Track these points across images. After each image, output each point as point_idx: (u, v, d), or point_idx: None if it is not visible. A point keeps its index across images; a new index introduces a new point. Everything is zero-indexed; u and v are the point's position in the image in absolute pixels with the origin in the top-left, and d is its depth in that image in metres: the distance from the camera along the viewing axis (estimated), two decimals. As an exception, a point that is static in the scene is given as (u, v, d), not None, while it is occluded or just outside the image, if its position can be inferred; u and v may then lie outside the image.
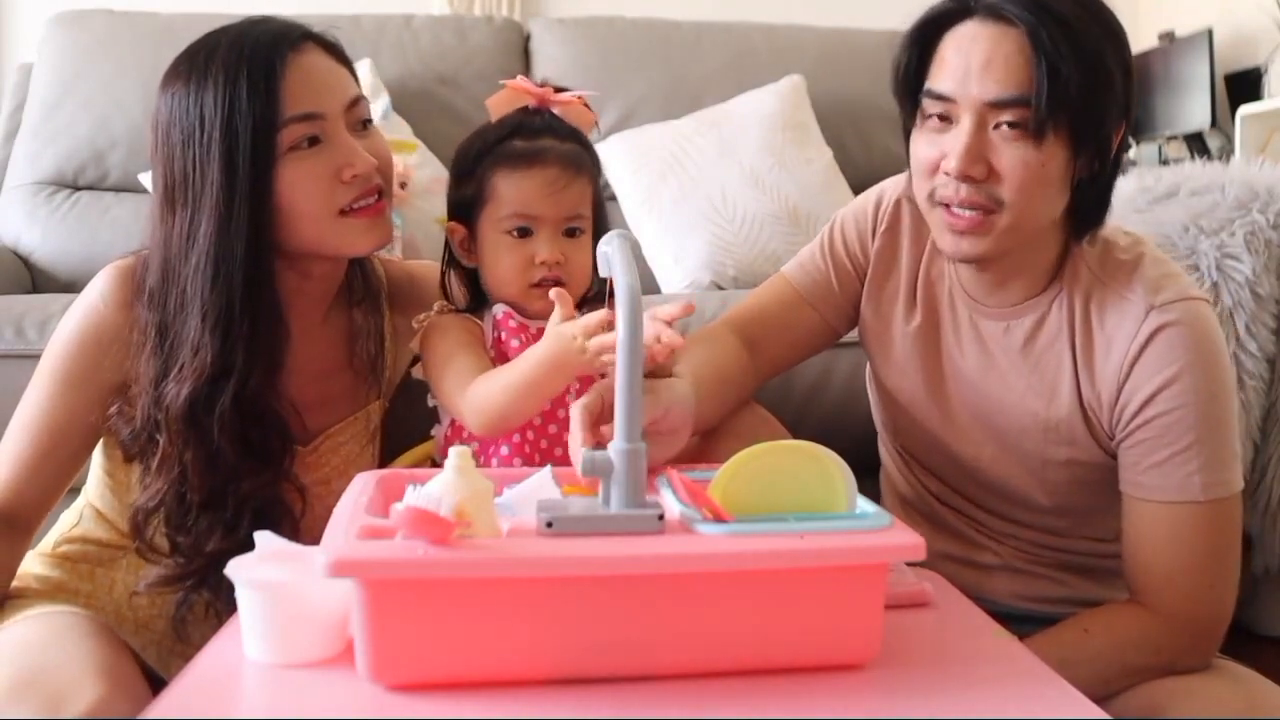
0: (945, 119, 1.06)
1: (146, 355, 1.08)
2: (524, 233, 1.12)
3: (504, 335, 1.14)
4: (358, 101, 1.13)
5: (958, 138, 1.04)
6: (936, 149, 1.06)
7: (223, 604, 1.06)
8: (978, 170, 1.04)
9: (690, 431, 1.02)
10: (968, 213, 1.06)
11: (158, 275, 1.09)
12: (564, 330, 0.96)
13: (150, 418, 1.06)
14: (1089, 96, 1.01)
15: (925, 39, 1.08)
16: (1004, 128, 1.03)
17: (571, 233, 1.13)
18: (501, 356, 1.12)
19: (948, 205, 1.07)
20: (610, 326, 0.91)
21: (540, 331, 1.11)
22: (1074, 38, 1.01)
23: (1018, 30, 1.02)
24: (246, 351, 1.06)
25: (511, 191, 1.11)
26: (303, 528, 1.11)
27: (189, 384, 1.04)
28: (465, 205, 1.15)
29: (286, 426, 1.12)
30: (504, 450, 1.12)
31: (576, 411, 0.94)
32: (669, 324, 0.96)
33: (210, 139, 1.04)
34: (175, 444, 1.05)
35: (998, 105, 1.03)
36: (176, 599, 1.09)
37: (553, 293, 0.98)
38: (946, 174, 1.05)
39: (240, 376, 1.05)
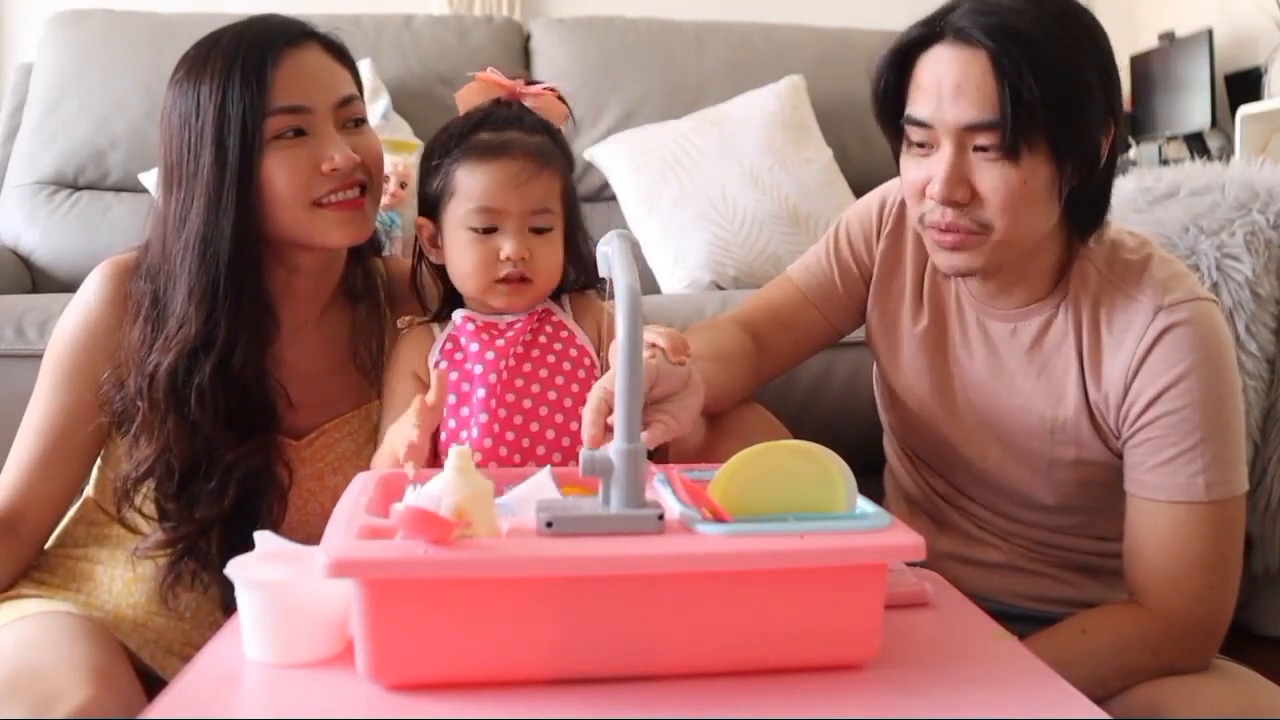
0: (926, 145, 1.07)
1: (138, 324, 1.12)
2: (489, 228, 1.10)
3: (463, 340, 1.13)
4: (350, 101, 1.15)
5: (939, 163, 1.05)
6: (923, 172, 1.08)
7: (209, 574, 1.11)
8: (960, 194, 1.05)
9: (700, 392, 0.98)
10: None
11: (156, 251, 1.14)
12: (395, 437, 1.00)
13: (136, 385, 1.10)
14: (1061, 112, 1.01)
15: (901, 63, 1.09)
16: (981, 150, 1.03)
17: (538, 228, 1.11)
18: (456, 363, 1.12)
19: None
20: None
21: (507, 327, 1.11)
22: (1038, 57, 1.00)
23: (984, 52, 1.01)
24: (229, 328, 1.10)
25: (475, 185, 1.09)
26: (290, 504, 1.15)
27: (172, 354, 1.09)
28: (431, 200, 1.14)
29: (270, 404, 1.15)
30: (474, 433, 1.10)
31: (590, 408, 0.92)
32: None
33: (204, 124, 1.09)
34: (157, 411, 1.09)
35: (972, 129, 1.03)
36: (164, 567, 1.12)
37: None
38: (932, 199, 1.06)
39: (221, 351, 1.09)
